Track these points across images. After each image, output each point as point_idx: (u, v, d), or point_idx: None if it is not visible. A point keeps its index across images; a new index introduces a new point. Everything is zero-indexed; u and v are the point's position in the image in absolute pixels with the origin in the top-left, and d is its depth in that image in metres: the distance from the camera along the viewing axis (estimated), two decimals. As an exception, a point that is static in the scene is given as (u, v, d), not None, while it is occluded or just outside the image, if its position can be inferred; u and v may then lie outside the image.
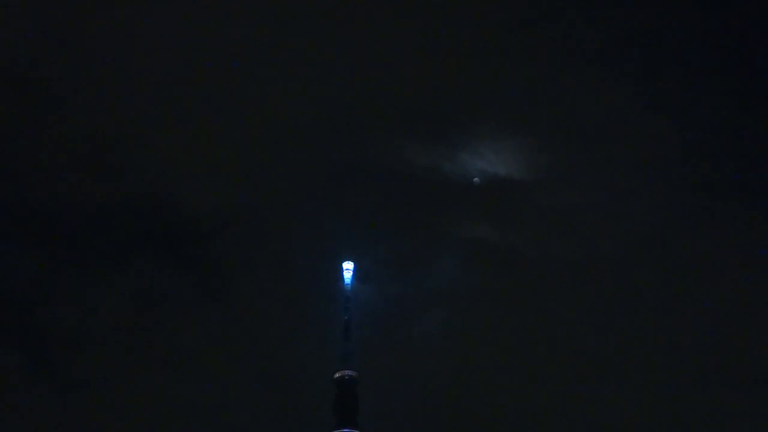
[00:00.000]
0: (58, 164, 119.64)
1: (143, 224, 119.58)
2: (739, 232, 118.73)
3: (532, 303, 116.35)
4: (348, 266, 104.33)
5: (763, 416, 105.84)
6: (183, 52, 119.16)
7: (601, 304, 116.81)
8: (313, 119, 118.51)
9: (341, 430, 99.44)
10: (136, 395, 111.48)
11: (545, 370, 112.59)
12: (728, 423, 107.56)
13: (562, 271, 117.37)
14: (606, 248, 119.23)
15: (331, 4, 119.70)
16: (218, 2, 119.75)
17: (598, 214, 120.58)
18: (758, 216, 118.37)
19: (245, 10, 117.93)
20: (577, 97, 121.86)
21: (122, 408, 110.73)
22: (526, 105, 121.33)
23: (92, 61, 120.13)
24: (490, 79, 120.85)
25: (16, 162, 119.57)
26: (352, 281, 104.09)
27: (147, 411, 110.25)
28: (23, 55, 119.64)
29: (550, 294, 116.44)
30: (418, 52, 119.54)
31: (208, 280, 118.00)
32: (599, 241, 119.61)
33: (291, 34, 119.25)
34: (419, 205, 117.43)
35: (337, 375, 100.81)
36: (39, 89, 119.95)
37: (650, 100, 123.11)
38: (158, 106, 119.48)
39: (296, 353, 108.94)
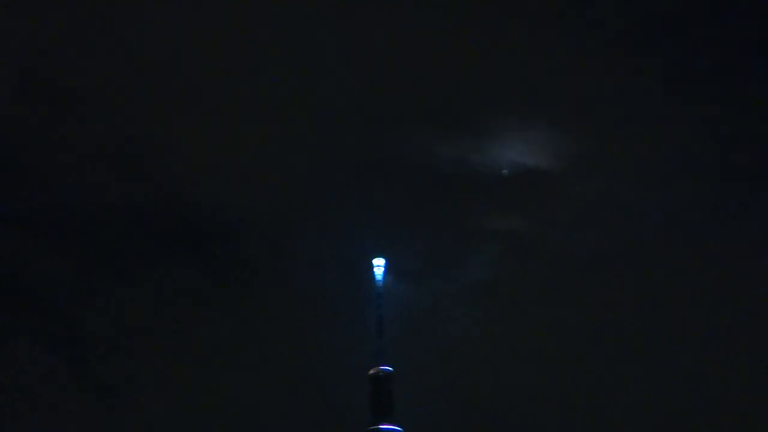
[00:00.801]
0: (87, 167, 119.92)
1: (174, 225, 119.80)
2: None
3: (566, 294, 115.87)
4: (379, 263, 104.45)
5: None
6: (205, 52, 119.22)
7: (636, 293, 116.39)
8: (338, 115, 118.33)
9: (378, 426, 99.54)
10: (172, 395, 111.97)
11: (583, 363, 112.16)
12: (759, 414, 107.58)
13: (596, 261, 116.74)
14: (638, 236, 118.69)
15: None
16: (238, 2, 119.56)
17: (628, 202, 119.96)
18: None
19: (265, 7, 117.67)
20: (604, 85, 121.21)
21: (159, 408, 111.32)
22: (552, 93, 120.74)
23: (116, 63, 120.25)
24: (515, 68, 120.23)
25: (43, 166, 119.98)
26: (383, 278, 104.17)
27: (182, 410, 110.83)
28: (46, 58, 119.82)
29: (584, 285, 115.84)
30: (442, 43, 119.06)
31: (239, 278, 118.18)
32: (630, 229, 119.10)
33: (313, 29, 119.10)
34: (448, 199, 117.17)
35: (371, 371, 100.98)
36: (64, 92, 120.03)
37: (678, 88, 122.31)
38: (182, 106, 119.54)
39: (331, 350, 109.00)
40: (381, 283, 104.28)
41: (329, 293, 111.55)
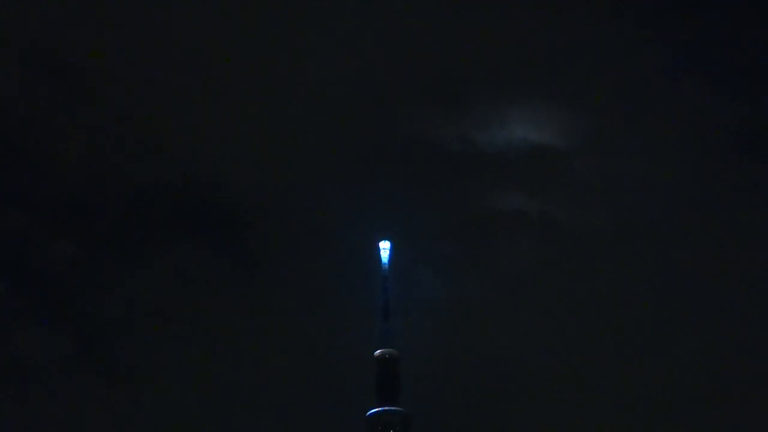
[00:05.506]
0: (95, 149, 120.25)
1: (181, 207, 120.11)
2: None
3: (575, 275, 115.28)
4: (385, 246, 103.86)
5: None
6: (217, 35, 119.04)
7: (646, 272, 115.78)
8: (344, 98, 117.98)
9: (382, 407, 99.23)
10: (180, 377, 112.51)
11: (590, 344, 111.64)
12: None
13: (605, 240, 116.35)
14: (648, 214, 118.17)
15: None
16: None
17: (639, 180, 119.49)
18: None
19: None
20: (612, 59, 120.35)
21: (166, 390, 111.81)
22: (558, 69, 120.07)
23: (128, 45, 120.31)
24: (519, 44, 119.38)
25: (53, 148, 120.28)
26: (389, 260, 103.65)
27: (190, 392, 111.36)
28: (58, 41, 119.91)
29: (593, 264, 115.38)
30: (446, 22, 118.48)
31: (248, 262, 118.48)
32: (641, 207, 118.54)
33: (318, 12, 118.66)
34: (456, 180, 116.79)
35: (377, 353, 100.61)
36: (75, 75, 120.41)
37: (690, 61, 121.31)
38: (193, 90, 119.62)
39: (338, 332, 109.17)
40: (387, 265, 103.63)
41: (336, 275, 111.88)
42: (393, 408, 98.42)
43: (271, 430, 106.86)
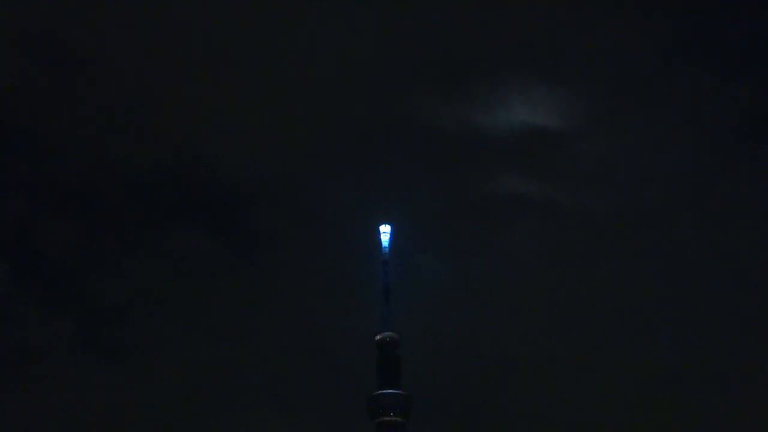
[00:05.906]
0: (97, 136, 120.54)
1: (183, 193, 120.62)
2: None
3: (576, 258, 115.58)
4: (385, 230, 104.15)
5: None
6: (217, 22, 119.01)
7: (648, 255, 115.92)
8: (345, 82, 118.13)
9: (383, 390, 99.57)
10: (181, 359, 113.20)
11: (591, 328, 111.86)
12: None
13: (603, 223, 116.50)
14: (649, 197, 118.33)
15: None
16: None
17: (640, 162, 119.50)
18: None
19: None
20: (611, 41, 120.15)
21: (167, 371, 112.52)
22: (559, 52, 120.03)
23: (130, 33, 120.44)
24: (519, 27, 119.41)
25: (55, 134, 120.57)
26: (389, 244, 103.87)
27: (191, 373, 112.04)
28: (60, 29, 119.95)
29: (594, 247, 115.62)
30: (444, 5, 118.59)
31: (249, 245, 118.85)
32: (642, 189, 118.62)
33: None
34: (455, 163, 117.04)
35: (378, 337, 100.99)
36: (76, 62, 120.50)
37: (688, 43, 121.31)
38: (194, 80, 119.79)
39: (339, 316, 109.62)
40: (387, 249, 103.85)
41: (337, 259, 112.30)
42: (393, 390, 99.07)
43: (272, 412, 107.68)
